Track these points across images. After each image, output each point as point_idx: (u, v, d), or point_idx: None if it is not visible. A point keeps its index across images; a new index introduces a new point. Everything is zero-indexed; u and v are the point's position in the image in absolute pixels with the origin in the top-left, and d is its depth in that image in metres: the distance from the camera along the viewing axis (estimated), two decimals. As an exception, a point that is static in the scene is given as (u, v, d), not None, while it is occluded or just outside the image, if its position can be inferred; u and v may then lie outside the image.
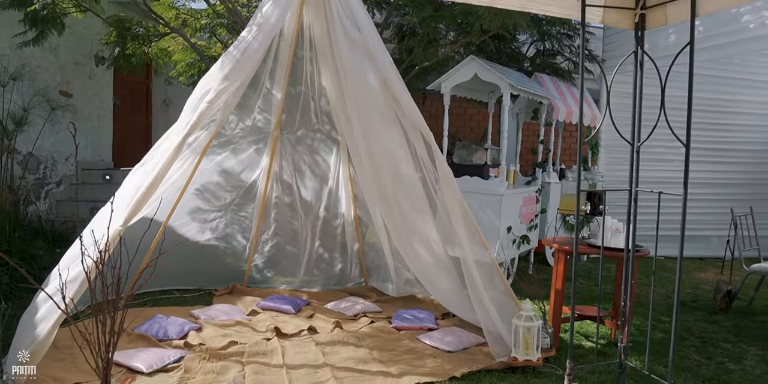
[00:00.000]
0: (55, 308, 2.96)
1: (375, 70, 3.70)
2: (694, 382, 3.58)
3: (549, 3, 2.83)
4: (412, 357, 3.65)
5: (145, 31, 6.89)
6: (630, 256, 3.13)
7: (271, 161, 4.83)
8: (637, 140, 3.13)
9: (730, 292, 5.27)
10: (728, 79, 7.63)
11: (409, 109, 3.73)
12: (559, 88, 6.82)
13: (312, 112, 4.71)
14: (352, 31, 3.58)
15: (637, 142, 3.13)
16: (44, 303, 3.03)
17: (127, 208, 3.01)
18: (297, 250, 5.17)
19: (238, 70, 3.36)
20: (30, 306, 3.15)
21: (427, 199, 4.11)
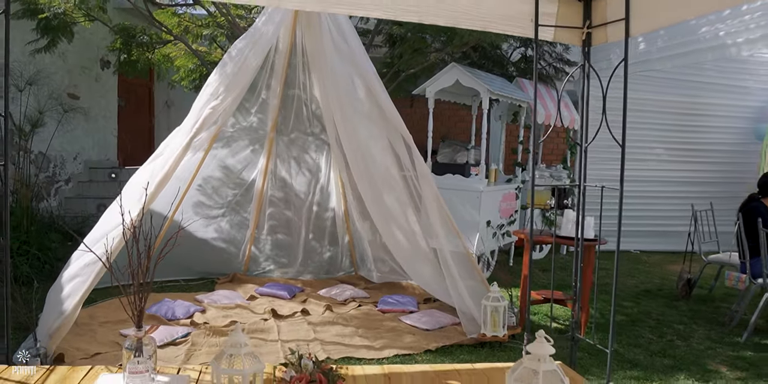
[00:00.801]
0: (80, 287, 3.42)
1: (361, 79, 4.15)
2: (642, 356, 4.04)
3: (508, 24, 3.27)
4: (394, 334, 4.10)
5: (149, 39, 7.32)
6: (579, 243, 3.56)
7: (267, 161, 5.28)
8: (585, 141, 3.55)
9: (690, 280, 5.73)
10: (702, 83, 8.08)
11: (391, 113, 4.18)
12: (539, 91, 7.27)
13: (304, 116, 5.16)
14: (341, 44, 4.03)
15: (585, 142, 3.55)
16: (68, 283, 3.47)
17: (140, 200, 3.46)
18: (292, 242, 5.62)
19: (237, 81, 3.81)
20: (54, 285, 3.60)
21: (409, 194, 4.56)
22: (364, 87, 4.17)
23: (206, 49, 7.59)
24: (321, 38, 4.02)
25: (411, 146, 4.22)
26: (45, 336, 3.30)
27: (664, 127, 8.14)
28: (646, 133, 8.14)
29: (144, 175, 3.70)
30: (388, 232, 4.72)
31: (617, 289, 4.18)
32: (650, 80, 7.78)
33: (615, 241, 3.31)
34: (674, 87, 7.99)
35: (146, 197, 3.17)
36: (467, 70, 5.81)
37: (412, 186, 4.47)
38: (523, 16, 3.22)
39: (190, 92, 8.23)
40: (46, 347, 3.21)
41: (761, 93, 8.35)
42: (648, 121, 8.06)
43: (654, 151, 8.33)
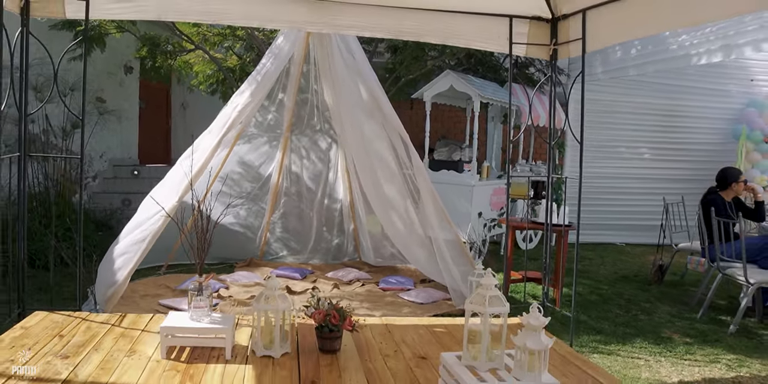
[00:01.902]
0: (128, 262, 4.08)
1: (364, 85, 4.80)
2: (608, 326, 4.67)
3: (487, 42, 3.92)
4: (393, 306, 4.75)
5: (173, 48, 7.99)
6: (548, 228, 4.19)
7: (282, 156, 5.94)
8: (553, 139, 4.18)
9: (661, 266, 6.35)
10: (684, 87, 8.68)
11: (391, 116, 4.83)
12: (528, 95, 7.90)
13: (316, 117, 5.81)
14: (348, 58, 4.69)
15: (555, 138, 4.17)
16: (119, 258, 4.14)
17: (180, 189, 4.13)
18: (303, 230, 6.27)
19: (260, 88, 4.48)
20: (105, 260, 4.26)
21: (407, 187, 5.20)
22: (367, 92, 4.82)
23: (222, 56, 8.26)
24: (331, 52, 4.68)
25: (408, 144, 4.87)
26: (101, 302, 3.96)
27: (648, 127, 8.75)
28: (630, 134, 8.77)
29: (181, 169, 4.36)
30: (389, 221, 5.35)
31: (600, 274, 4.75)
32: (634, 84, 8.40)
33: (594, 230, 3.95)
34: (658, 90, 8.60)
35: (184, 187, 3.83)
36: (461, 76, 6.46)
37: (409, 180, 5.12)
38: (500, 36, 3.87)
39: (205, 95, 8.94)
40: (103, 310, 3.87)
41: (740, 96, 8.95)
42: (632, 122, 8.69)
43: (638, 150, 8.95)
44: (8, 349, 2.46)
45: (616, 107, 8.64)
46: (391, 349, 2.72)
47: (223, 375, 2.31)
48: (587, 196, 8.64)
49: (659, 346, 4.19)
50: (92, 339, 2.65)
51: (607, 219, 8.78)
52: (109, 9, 3.40)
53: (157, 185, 4.50)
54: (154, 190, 4.48)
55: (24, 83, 3.26)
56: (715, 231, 4.95)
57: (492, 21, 3.87)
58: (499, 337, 2.15)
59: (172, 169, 4.52)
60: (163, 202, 3.97)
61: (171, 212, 4.04)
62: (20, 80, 3.22)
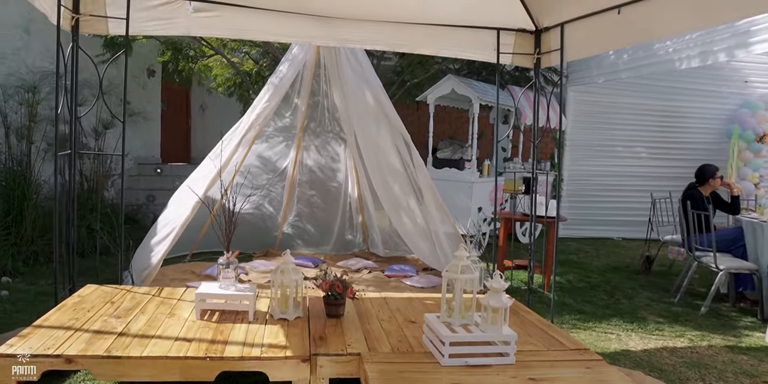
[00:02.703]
0: (162, 248, 4.61)
1: (369, 90, 5.30)
2: (590, 308, 5.14)
3: (476, 52, 4.40)
4: (396, 290, 5.24)
5: (194, 53, 8.55)
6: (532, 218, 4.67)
7: (297, 154, 6.45)
8: (536, 139, 4.64)
9: (648, 257, 6.80)
10: (678, 88, 9.10)
11: (394, 118, 5.32)
12: (528, 97, 8.36)
13: (326, 118, 6.32)
14: (356, 65, 5.19)
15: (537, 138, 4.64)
16: (156, 245, 4.68)
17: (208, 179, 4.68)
18: (315, 224, 6.78)
19: (276, 92, 5.00)
20: (142, 245, 4.80)
21: (409, 183, 5.69)
22: (372, 96, 5.32)
23: (239, 60, 8.80)
24: (339, 61, 5.18)
25: (409, 143, 5.36)
26: (137, 282, 4.50)
27: (645, 127, 9.17)
28: (628, 134, 9.20)
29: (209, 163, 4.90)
30: (397, 216, 5.84)
31: (593, 265, 5.16)
32: (631, 86, 8.83)
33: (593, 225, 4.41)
34: (654, 92, 9.01)
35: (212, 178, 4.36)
36: (461, 80, 6.95)
37: (412, 177, 5.61)
38: (488, 46, 4.35)
39: (223, 97, 9.50)
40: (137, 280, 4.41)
41: (734, 97, 9.34)
42: (629, 122, 9.12)
43: (635, 149, 9.37)
44: (71, 311, 3.00)
45: (614, 108, 9.08)
46: (387, 315, 3.23)
47: (247, 332, 2.83)
48: (587, 194, 9.14)
49: (633, 325, 4.66)
50: (137, 305, 3.19)
51: (605, 215, 9.22)
52: (145, 26, 3.93)
53: (188, 177, 5.07)
54: (187, 181, 5.02)
55: (74, 89, 3.80)
56: (691, 223, 5.40)
57: (481, 33, 4.35)
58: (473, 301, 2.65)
59: (202, 163, 5.06)
60: (195, 190, 4.52)
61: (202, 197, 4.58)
62: (71, 87, 3.75)
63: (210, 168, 4.76)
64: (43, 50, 7.17)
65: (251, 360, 2.54)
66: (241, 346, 2.65)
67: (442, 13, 4.17)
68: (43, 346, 2.51)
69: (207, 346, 2.62)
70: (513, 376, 2.37)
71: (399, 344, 2.73)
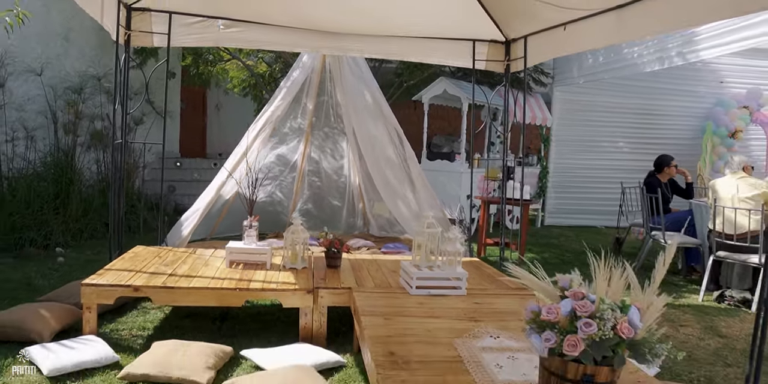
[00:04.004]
0: (190, 224, 5.50)
1: (368, 90, 6.17)
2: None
3: (456, 59, 5.26)
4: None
5: (213, 57, 9.45)
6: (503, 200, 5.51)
7: (305, 148, 7.33)
8: (507, 131, 5.48)
9: (618, 239, 7.62)
10: (658, 88, 9.88)
11: (389, 115, 6.19)
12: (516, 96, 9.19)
13: (331, 115, 7.19)
14: (356, 70, 6.06)
15: (507, 132, 5.47)
16: (186, 221, 5.56)
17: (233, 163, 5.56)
18: (321, 208, 7.66)
19: (288, 93, 5.89)
20: (177, 223, 5.68)
21: (403, 172, 6.55)
22: (370, 96, 6.18)
23: (253, 63, 9.69)
24: (342, 66, 6.06)
25: (402, 137, 6.22)
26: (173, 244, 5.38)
27: (626, 124, 9.97)
28: (609, 130, 10.00)
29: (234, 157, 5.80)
30: (393, 202, 6.69)
31: (570, 247, 5.95)
32: (613, 86, 9.62)
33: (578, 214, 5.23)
34: (634, 92, 9.80)
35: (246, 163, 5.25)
36: (452, 81, 7.80)
37: (404, 166, 6.46)
38: (465, 54, 5.21)
39: (238, 97, 10.40)
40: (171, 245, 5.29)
41: (710, 96, 10.11)
42: (611, 120, 9.92)
43: (617, 144, 10.18)
44: (129, 261, 3.90)
45: (597, 107, 9.89)
46: (374, 268, 4.10)
47: (265, 275, 3.71)
48: (572, 185, 9.97)
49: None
50: (179, 259, 4.08)
51: (589, 205, 10.03)
52: (182, 39, 4.82)
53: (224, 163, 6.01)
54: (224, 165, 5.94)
55: (125, 91, 4.69)
56: (645, 207, 6.23)
57: (459, 44, 5.21)
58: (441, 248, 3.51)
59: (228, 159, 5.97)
60: (224, 171, 5.44)
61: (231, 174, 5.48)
62: (124, 89, 4.64)
63: (238, 155, 5.68)
64: (80, 55, 8.09)
65: (269, 291, 3.42)
66: (261, 283, 3.52)
67: (427, 28, 5.04)
68: (116, 279, 3.40)
69: (236, 282, 3.49)
70: (462, 301, 3.23)
71: (381, 283, 3.60)
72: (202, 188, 6.10)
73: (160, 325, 3.81)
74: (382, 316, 2.89)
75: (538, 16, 4.36)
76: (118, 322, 3.81)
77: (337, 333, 3.70)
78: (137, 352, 3.19)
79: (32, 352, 3.06)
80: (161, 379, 2.88)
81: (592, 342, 1.60)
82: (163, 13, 4.66)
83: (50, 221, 6.06)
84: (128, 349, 3.31)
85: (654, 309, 1.73)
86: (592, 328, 1.58)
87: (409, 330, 2.68)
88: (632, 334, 1.62)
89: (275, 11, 4.70)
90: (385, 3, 4.52)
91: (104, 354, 3.07)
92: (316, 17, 4.74)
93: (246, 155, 5.28)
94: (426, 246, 3.46)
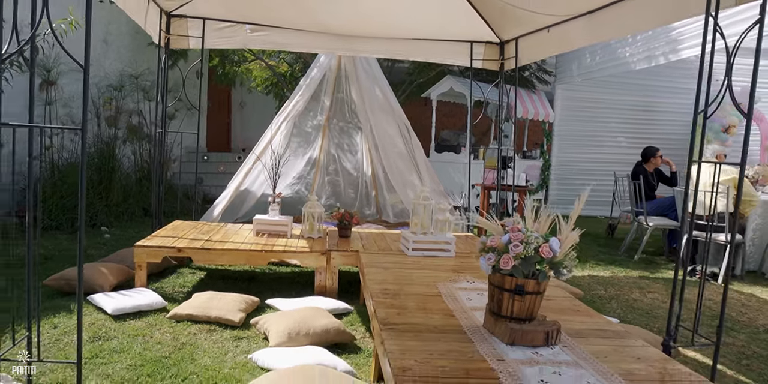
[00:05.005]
0: (218, 206, 6.20)
1: (379, 88, 6.84)
2: (548, 256, 6.57)
3: (456, 58, 5.89)
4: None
5: (238, 58, 10.19)
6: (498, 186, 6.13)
7: (323, 141, 8.01)
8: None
9: (611, 225, 8.20)
10: (655, 85, 10.43)
11: (398, 109, 6.85)
12: (520, 93, 9.79)
13: (346, 111, 7.86)
14: (368, 68, 6.74)
15: (502, 125, 6.09)
16: (218, 204, 6.27)
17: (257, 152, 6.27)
18: (338, 195, 8.34)
19: (307, 90, 6.59)
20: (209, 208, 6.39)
21: (411, 162, 7.20)
22: (381, 92, 6.85)
23: (275, 63, 10.40)
24: (356, 65, 6.74)
25: (410, 129, 6.87)
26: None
27: (624, 120, 10.52)
28: (609, 126, 10.56)
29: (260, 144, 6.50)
30: (404, 191, 7.35)
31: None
32: (612, 84, 10.19)
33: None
34: (633, 89, 10.35)
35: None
36: (458, 79, 8.43)
37: (412, 155, 7.12)
38: (463, 54, 5.85)
39: (260, 95, 11.12)
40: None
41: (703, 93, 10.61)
42: (612, 116, 10.48)
43: (616, 139, 10.73)
44: (171, 231, 4.60)
45: (597, 103, 10.45)
46: (380, 239, 4.76)
47: (287, 242, 4.39)
48: (574, 177, 10.55)
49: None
50: (212, 230, 4.78)
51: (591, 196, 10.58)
52: (214, 42, 5.52)
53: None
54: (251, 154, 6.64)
55: (165, 89, 5.40)
56: (631, 193, 6.82)
57: (458, 45, 5.85)
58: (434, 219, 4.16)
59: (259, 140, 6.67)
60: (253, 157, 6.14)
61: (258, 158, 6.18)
62: (164, 87, 5.35)
63: (264, 142, 6.40)
64: (118, 57, 8.87)
65: (289, 252, 4.10)
66: (283, 247, 4.20)
67: (429, 30, 5.69)
68: (162, 242, 4.11)
69: (262, 246, 4.18)
70: (450, 261, 3.88)
71: (384, 248, 4.26)
72: (228, 180, 6.83)
73: (196, 284, 4.51)
74: (382, 268, 3.55)
75: (525, 20, 4.99)
76: (162, 282, 4.51)
77: (346, 292, 4.37)
78: (180, 302, 3.89)
79: (96, 298, 3.77)
80: (201, 318, 3.56)
81: (521, 260, 2.24)
82: (197, 19, 5.37)
83: (95, 204, 6.82)
84: (172, 300, 4.01)
85: (570, 240, 2.35)
86: (519, 248, 2.22)
87: (402, 277, 3.33)
88: (551, 255, 2.25)
89: (295, 17, 5.38)
90: (391, 9, 5.18)
91: (155, 300, 3.78)
92: (331, 22, 5.42)
93: (270, 142, 5.99)
94: (421, 215, 4.11)
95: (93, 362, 2.90)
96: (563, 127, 10.30)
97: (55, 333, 3.28)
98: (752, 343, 3.95)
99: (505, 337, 2.25)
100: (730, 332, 4.15)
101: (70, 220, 6.37)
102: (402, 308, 2.64)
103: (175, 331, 3.42)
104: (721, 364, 3.50)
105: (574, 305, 2.94)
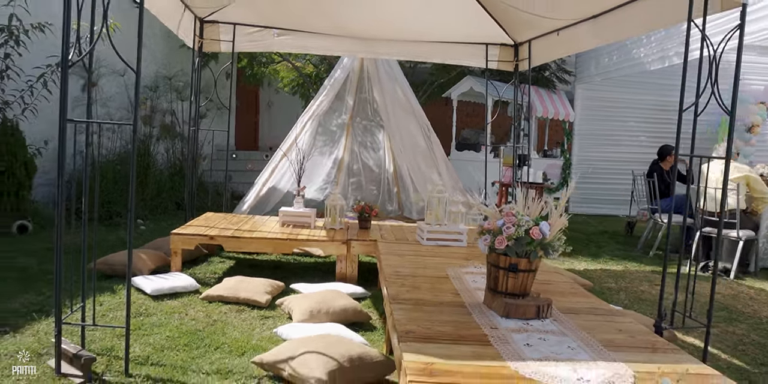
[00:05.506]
0: (250, 199, 6.55)
1: (400, 88, 7.13)
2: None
3: (472, 60, 6.15)
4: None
5: (266, 59, 10.56)
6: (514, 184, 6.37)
7: (346, 139, 8.32)
8: (515, 122, 6.33)
9: (630, 223, 8.36)
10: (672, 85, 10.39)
11: (418, 109, 7.14)
12: (540, 93, 10.00)
13: (368, 110, 8.17)
14: (389, 70, 7.04)
15: (516, 124, 6.33)
16: (246, 200, 6.62)
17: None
18: (360, 192, 8.64)
19: (332, 90, 6.91)
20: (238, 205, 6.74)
21: (431, 159, 7.47)
22: (402, 93, 7.14)
23: (301, 64, 10.75)
24: (378, 66, 7.04)
25: (429, 128, 7.15)
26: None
27: (645, 119, 10.62)
28: (628, 125, 10.68)
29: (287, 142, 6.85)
30: (421, 183, 7.63)
31: (588, 231, 6.79)
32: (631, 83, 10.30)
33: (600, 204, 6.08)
34: (653, 88, 10.43)
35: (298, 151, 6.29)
36: (478, 79, 8.67)
37: (432, 152, 7.39)
38: (479, 56, 6.10)
39: (287, 95, 11.48)
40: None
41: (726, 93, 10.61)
42: (632, 115, 10.60)
43: (638, 138, 10.84)
44: (203, 221, 4.95)
45: (616, 103, 10.58)
46: (398, 230, 5.05)
47: (310, 232, 4.70)
48: (595, 176, 10.68)
49: (590, 259, 6.31)
50: (241, 221, 5.11)
51: (609, 195, 10.74)
52: (243, 45, 5.88)
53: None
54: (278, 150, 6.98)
55: (198, 88, 5.76)
56: (647, 191, 6.99)
57: (474, 47, 6.11)
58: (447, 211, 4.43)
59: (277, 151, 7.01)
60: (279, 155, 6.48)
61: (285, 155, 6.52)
62: (197, 87, 5.71)
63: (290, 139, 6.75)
64: (152, 59, 9.29)
65: (313, 241, 4.41)
66: (307, 236, 4.52)
67: (445, 33, 5.96)
68: (196, 231, 4.45)
69: (287, 235, 4.50)
70: (463, 250, 4.15)
71: (401, 238, 4.55)
72: (255, 178, 7.18)
73: (226, 271, 4.85)
74: (398, 255, 3.83)
75: (535, 23, 5.23)
76: (194, 269, 4.86)
77: (366, 280, 4.67)
78: (212, 285, 4.22)
79: (137, 280, 4.12)
80: (231, 299, 3.89)
81: (514, 240, 2.51)
82: (228, 24, 5.72)
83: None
84: (204, 284, 4.35)
85: (559, 223, 2.61)
86: (511, 230, 2.49)
87: (415, 263, 3.61)
88: (540, 237, 2.52)
89: (319, 22, 5.70)
90: (410, 14, 5.47)
91: (190, 282, 4.12)
92: (352, 26, 5.73)
93: (296, 140, 6.32)
94: (435, 207, 4.38)
95: (136, 333, 3.24)
96: (583, 126, 10.46)
97: (101, 309, 3.63)
98: (752, 332, 4.14)
99: (500, 310, 2.52)
100: (733, 322, 4.35)
101: (107, 212, 6.78)
102: (412, 287, 2.93)
103: (207, 310, 3.76)
104: (718, 349, 3.72)
105: (573, 288, 3.19)
